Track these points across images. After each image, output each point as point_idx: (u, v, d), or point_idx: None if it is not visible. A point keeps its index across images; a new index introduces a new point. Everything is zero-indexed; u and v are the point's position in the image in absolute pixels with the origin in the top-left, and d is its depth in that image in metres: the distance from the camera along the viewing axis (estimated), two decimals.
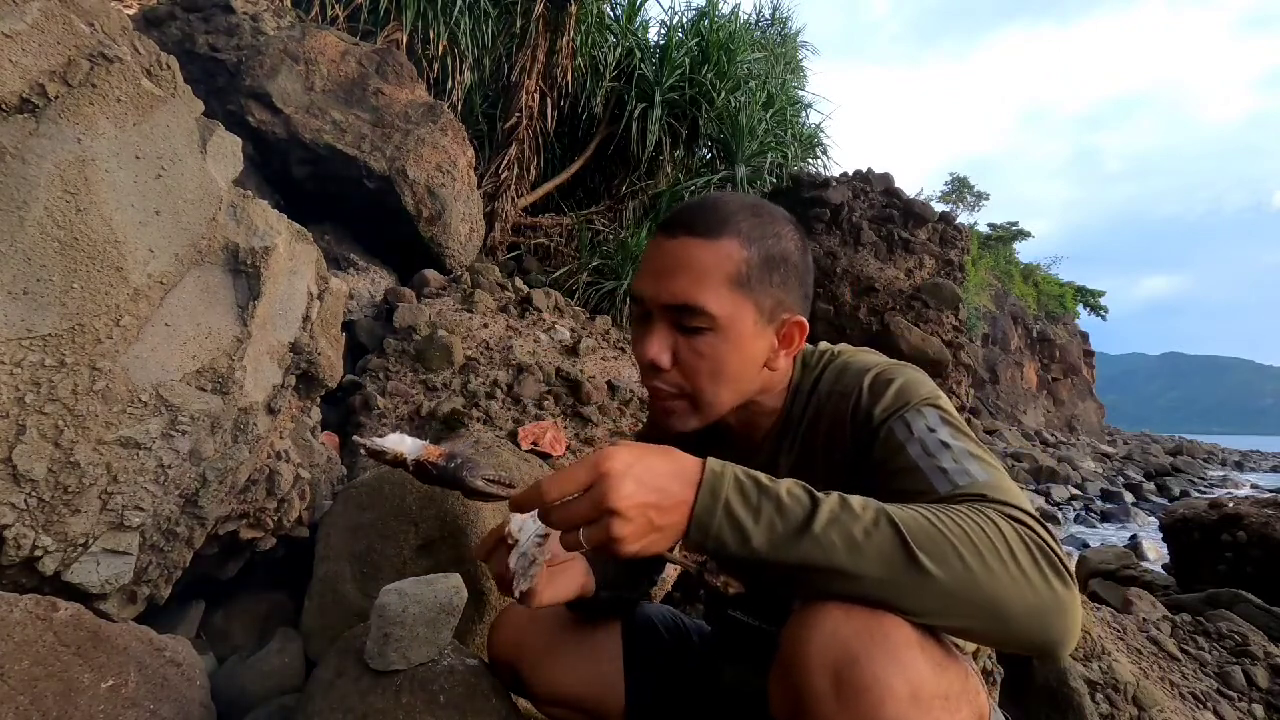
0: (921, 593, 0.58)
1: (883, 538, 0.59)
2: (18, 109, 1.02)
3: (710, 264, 0.78)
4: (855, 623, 0.58)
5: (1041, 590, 0.58)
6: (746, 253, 0.79)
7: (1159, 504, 10.41)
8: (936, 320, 5.26)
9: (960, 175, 25.50)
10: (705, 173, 5.46)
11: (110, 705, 0.94)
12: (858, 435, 0.80)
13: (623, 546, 0.60)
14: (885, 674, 0.56)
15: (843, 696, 0.56)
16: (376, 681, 0.95)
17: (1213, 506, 3.12)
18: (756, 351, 0.82)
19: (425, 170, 3.07)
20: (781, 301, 0.82)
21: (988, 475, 0.68)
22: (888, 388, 0.80)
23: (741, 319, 0.79)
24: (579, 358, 2.78)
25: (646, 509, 0.60)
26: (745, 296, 0.79)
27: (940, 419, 0.75)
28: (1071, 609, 0.58)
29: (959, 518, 0.61)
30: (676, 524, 0.61)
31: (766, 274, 0.80)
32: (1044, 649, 0.59)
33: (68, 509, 1.07)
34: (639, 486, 0.60)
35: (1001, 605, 0.58)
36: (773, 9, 7.97)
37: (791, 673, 0.60)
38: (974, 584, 0.58)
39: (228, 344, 1.25)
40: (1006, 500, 0.65)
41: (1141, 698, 1.59)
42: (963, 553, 0.58)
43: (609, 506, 0.59)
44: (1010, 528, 0.61)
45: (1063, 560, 0.60)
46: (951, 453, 0.71)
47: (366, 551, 1.41)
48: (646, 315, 0.82)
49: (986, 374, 17.87)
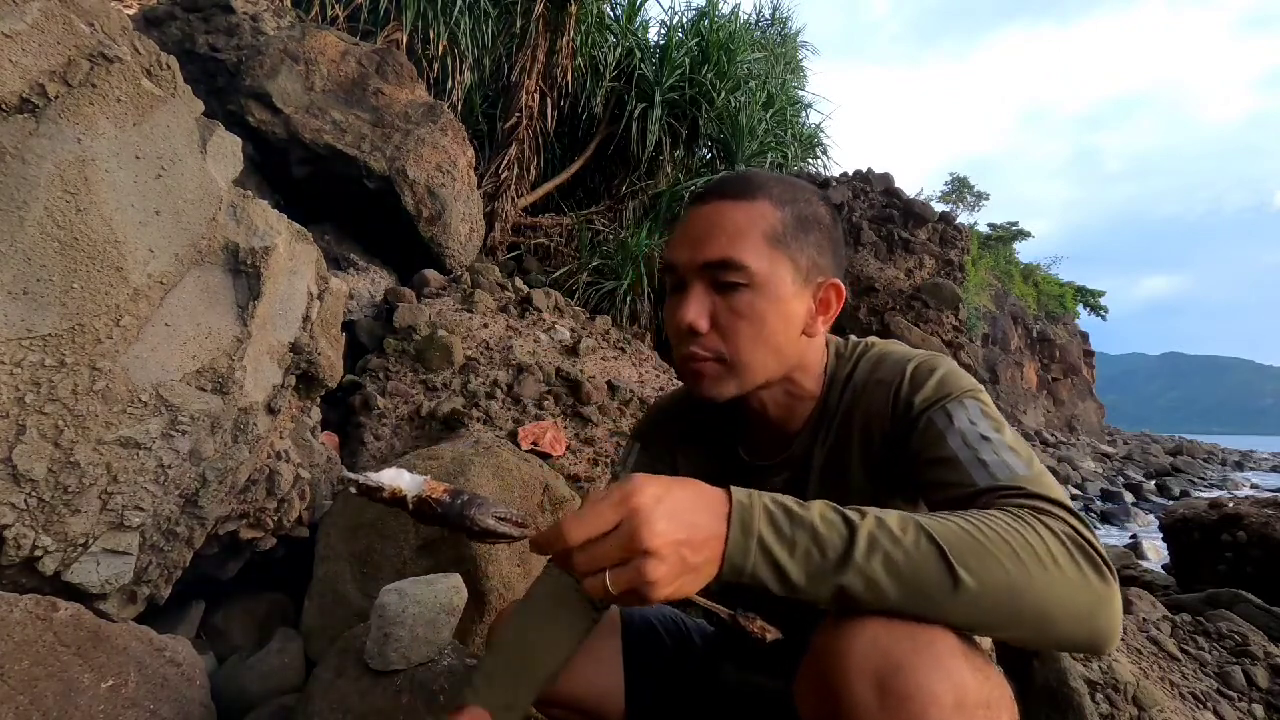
0: (966, 607, 0.57)
1: (924, 558, 0.57)
2: (18, 109, 1.02)
3: (745, 222, 0.78)
4: (897, 630, 0.57)
5: (1084, 588, 0.57)
6: (780, 212, 0.79)
7: (1159, 504, 10.40)
8: (936, 320, 5.26)
9: (960, 175, 25.49)
10: (705, 173, 5.46)
11: (110, 705, 0.94)
12: (897, 423, 0.79)
13: (655, 591, 0.54)
14: (929, 681, 0.55)
15: (887, 705, 0.55)
16: (376, 681, 0.95)
17: (1213, 506, 3.12)
18: (795, 313, 0.80)
19: (425, 170, 3.07)
20: (817, 263, 0.81)
21: (1027, 469, 0.68)
22: (930, 377, 0.79)
23: (779, 276, 0.78)
24: (579, 358, 2.78)
25: (680, 547, 0.55)
26: (782, 253, 0.78)
27: (981, 412, 0.75)
28: (1114, 602, 0.58)
29: (996, 524, 0.60)
30: (710, 561, 0.57)
31: (801, 233, 0.79)
32: (1091, 646, 0.59)
33: (68, 509, 1.07)
34: (671, 522, 0.55)
35: (1047, 609, 0.57)
36: (773, 9, 7.98)
37: (829, 680, 0.59)
38: (1017, 591, 0.57)
39: (228, 344, 1.25)
40: (1044, 494, 0.65)
41: (1141, 698, 1.59)
42: (1004, 561, 0.57)
43: (642, 547, 0.54)
44: (1047, 528, 0.60)
45: (1101, 554, 0.60)
46: (992, 445, 0.70)
47: (366, 551, 1.41)
48: (680, 285, 0.81)
49: (986, 374, 17.86)
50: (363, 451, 2.11)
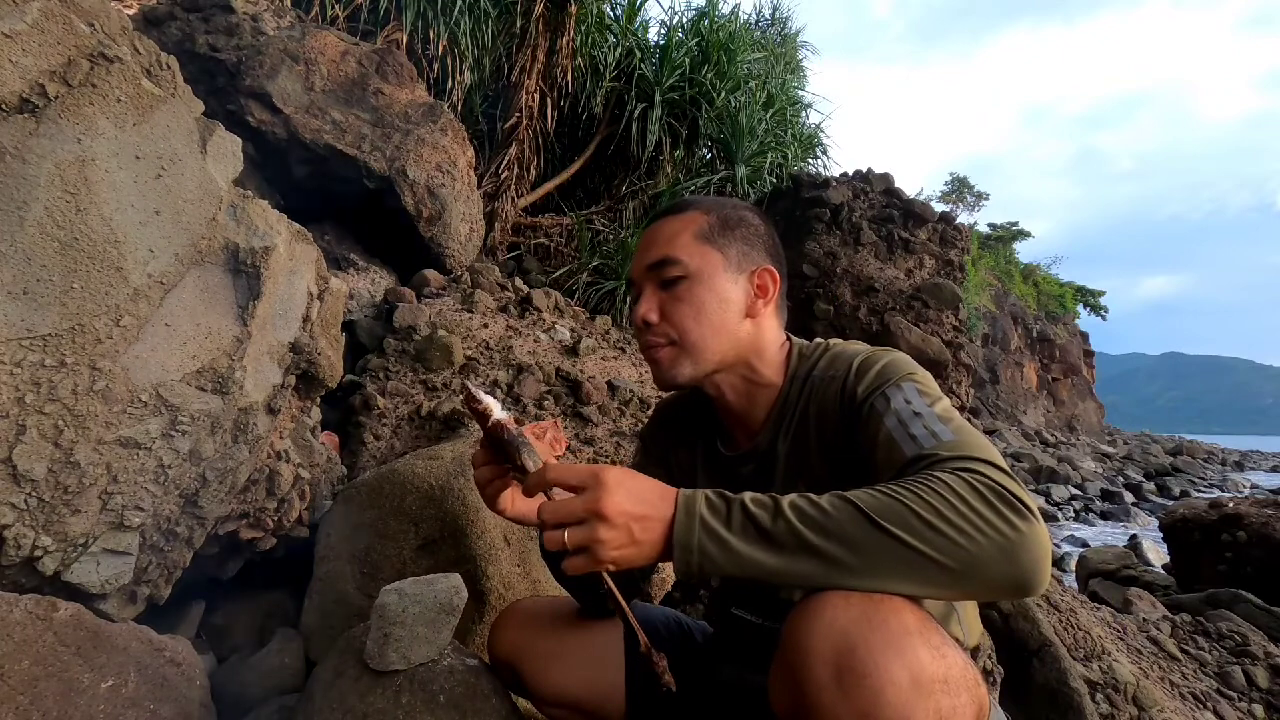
0: (895, 562, 0.61)
1: (843, 515, 0.63)
2: (18, 109, 1.02)
3: (679, 227, 0.93)
4: (854, 610, 0.60)
5: (1003, 530, 0.60)
6: (708, 216, 0.93)
7: (1159, 504, 10.41)
8: (936, 320, 5.26)
9: (960, 175, 25.51)
10: (705, 173, 5.46)
11: (110, 705, 0.94)
12: (844, 415, 0.85)
13: (602, 550, 0.65)
14: (885, 660, 0.57)
15: (844, 685, 0.57)
16: (376, 681, 0.95)
17: (1213, 506, 3.12)
18: (731, 296, 0.92)
19: (425, 170, 3.07)
20: (747, 254, 0.94)
21: (952, 435, 0.72)
22: (871, 369, 0.86)
23: (711, 265, 0.91)
24: (579, 358, 2.78)
25: (630, 520, 0.66)
26: (711, 247, 0.92)
27: (917, 391, 0.80)
28: (1035, 542, 0.61)
29: (910, 484, 0.64)
30: (654, 542, 0.66)
31: (728, 229, 0.93)
32: (1018, 587, 0.61)
33: (68, 509, 1.06)
34: (629, 499, 0.66)
35: (969, 555, 0.60)
36: (773, 9, 7.97)
37: (792, 663, 0.61)
38: (939, 540, 0.60)
39: (228, 344, 1.25)
40: (965, 454, 0.68)
41: (1141, 698, 1.59)
42: (919, 512, 0.61)
43: (600, 510, 0.65)
44: (961, 479, 0.63)
45: (1019, 497, 0.63)
46: (922, 419, 0.75)
47: (366, 551, 1.41)
48: (637, 294, 0.95)
49: (986, 374, 17.87)
50: (363, 451, 2.11)
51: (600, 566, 0.66)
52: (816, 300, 5.39)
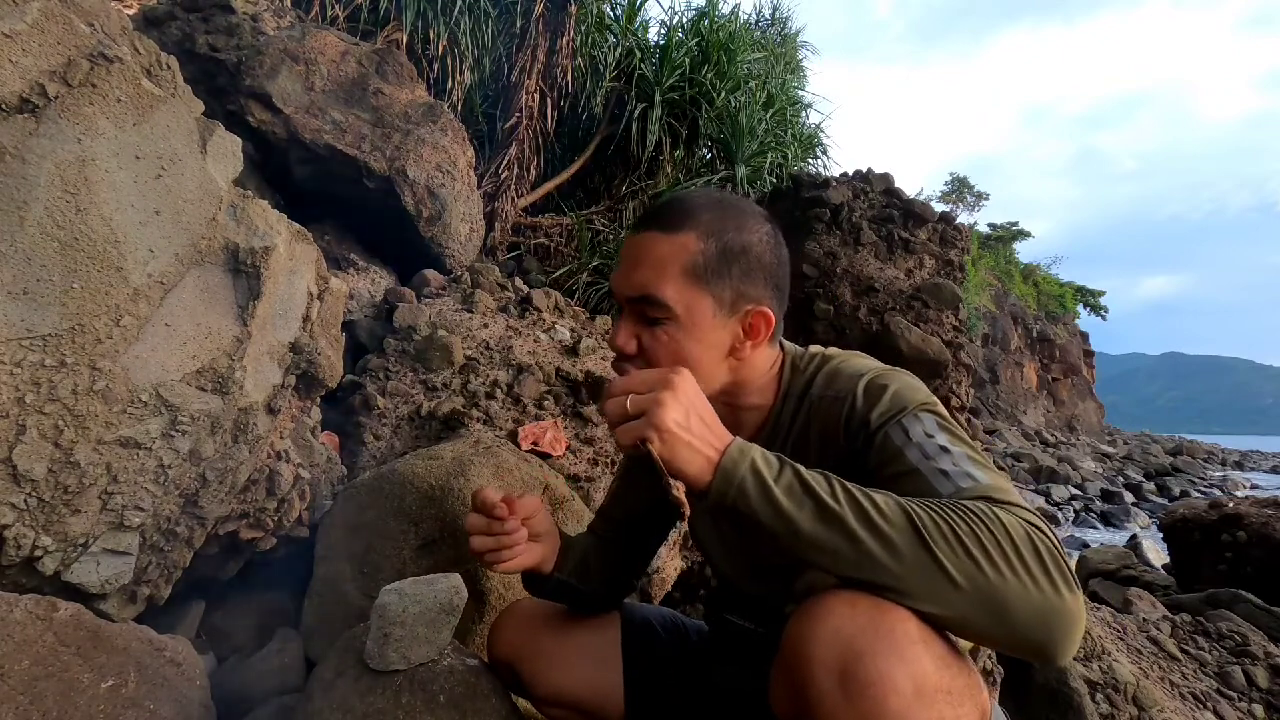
0: (928, 578, 0.58)
1: (894, 514, 0.61)
2: (18, 109, 1.02)
3: (667, 256, 0.82)
4: (860, 618, 0.58)
5: (1048, 593, 0.57)
6: (703, 245, 0.82)
7: (1159, 504, 10.40)
8: (936, 320, 5.26)
9: (960, 175, 25.51)
10: (705, 173, 5.46)
11: (110, 705, 0.93)
12: (852, 440, 0.80)
13: (659, 417, 0.65)
14: (889, 669, 0.56)
15: (848, 692, 0.56)
16: (376, 681, 0.95)
17: (1213, 506, 3.12)
18: (717, 341, 0.85)
19: (425, 170, 3.07)
20: (743, 293, 0.84)
21: (990, 479, 0.68)
22: (883, 393, 0.80)
23: (699, 310, 0.82)
24: (579, 358, 2.78)
25: (693, 411, 0.68)
26: (702, 289, 0.82)
27: (937, 424, 0.76)
28: (1076, 616, 0.58)
29: (967, 513, 0.61)
30: (705, 444, 0.67)
31: (725, 266, 0.83)
32: (1043, 653, 0.59)
33: (68, 509, 1.07)
34: (699, 396, 0.70)
35: (1006, 602, 0.57)
36: (773, 9, 7.97)
37: (795, 668, 0.60)
38: (981, 576, 0.58)
39: (228, 344, 1.25)
40: (1011, 502, 0.65)
41: (1141, 698, 1.59)
42: (969, 545, 0.59)
43: (671, 382, 0.68)
44: (1020, 527, 0.61)
45: (1069, 567, 0.60)
46: (951, 457, 0.71)
47: (366, 551, 1.41)
48: (619, 308, 0.90)
49: (986, 374, 17.86)
50: (363, 451, 2.11)
51: (653, 432, 0.65)
52: (816, 300, 5.39)
